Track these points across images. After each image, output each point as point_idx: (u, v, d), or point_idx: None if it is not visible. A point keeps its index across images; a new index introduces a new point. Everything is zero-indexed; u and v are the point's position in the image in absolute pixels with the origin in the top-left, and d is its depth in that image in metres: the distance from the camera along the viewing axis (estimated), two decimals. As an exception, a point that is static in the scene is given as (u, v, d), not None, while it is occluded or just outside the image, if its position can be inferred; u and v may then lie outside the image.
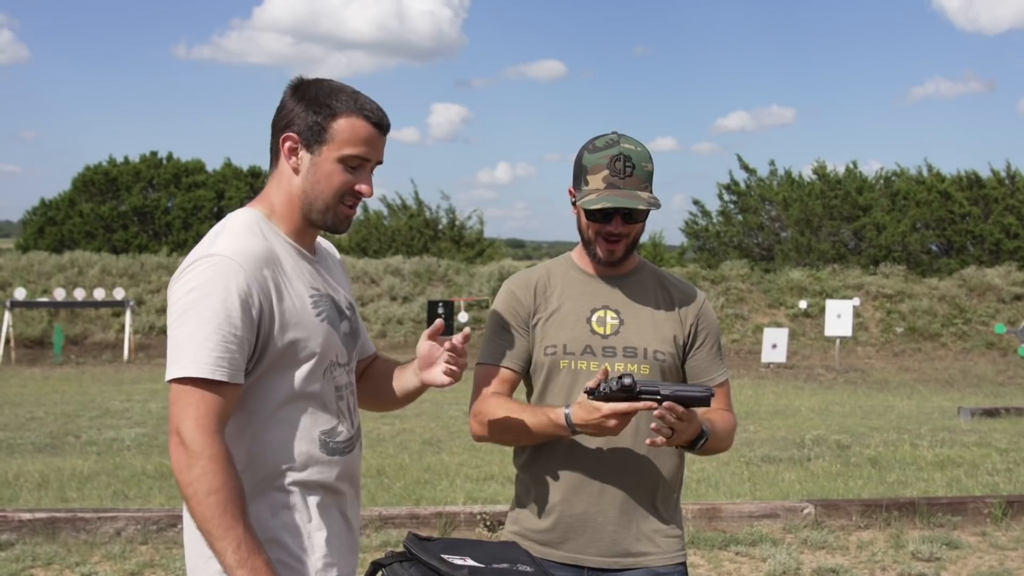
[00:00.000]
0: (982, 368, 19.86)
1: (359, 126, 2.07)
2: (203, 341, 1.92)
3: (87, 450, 9.25)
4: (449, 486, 7.56)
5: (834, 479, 8.10)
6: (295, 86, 2.13)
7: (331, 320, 2.12)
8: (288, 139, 2.09)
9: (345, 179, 2.08)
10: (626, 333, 2.47)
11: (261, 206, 2.15)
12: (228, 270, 1.96)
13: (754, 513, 6.57)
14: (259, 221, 2.11)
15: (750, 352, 21.19)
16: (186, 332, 1.94)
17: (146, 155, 36.21)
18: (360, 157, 2.08)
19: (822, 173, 32.65)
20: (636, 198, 2.37)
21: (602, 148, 2.42)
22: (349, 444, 2.14)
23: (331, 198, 2.09)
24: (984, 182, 32.20)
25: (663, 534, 2.47)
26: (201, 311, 1.94)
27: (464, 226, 34.11)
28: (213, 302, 1.94)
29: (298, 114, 2.08)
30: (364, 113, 2.07)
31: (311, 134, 2.07)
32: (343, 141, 2.06)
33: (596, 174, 2.39)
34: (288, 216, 2.13)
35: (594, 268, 2.53)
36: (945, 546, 6.13)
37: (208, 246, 2.03)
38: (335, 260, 2.34)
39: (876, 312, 23.56)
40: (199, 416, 1.90)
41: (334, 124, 2.06)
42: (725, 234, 32.98)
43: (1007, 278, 24.75)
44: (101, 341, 21.24)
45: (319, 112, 2.06)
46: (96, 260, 24.66)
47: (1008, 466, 8.74)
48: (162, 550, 5.80)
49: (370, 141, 2.09)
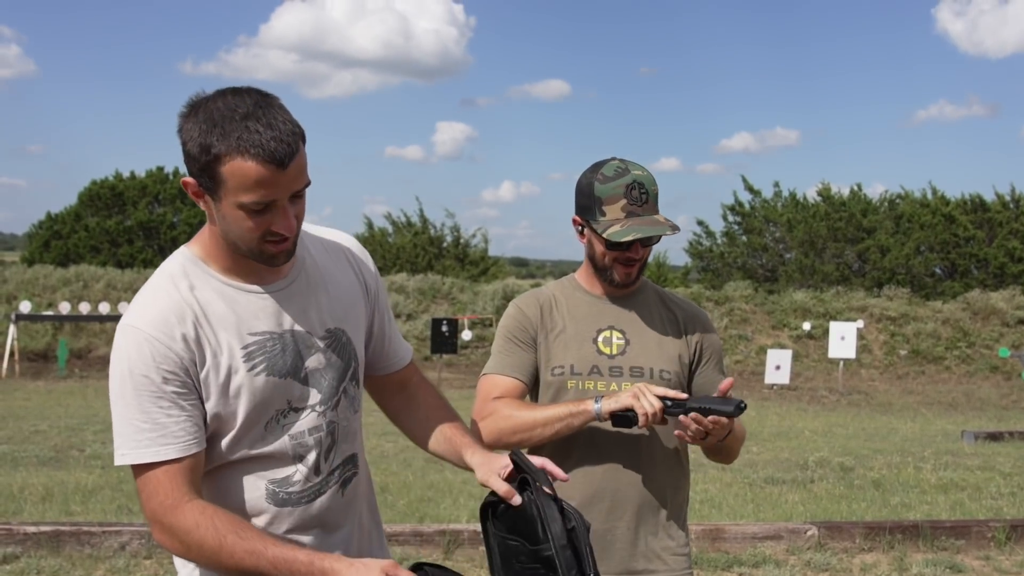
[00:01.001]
0: (986, 392, 19.83)
1: (247, 170, 1.75)
2: (138, 423, 1.83)
3: (91, 464, 9.27)
4: (452, 504, 7.56)
5: (837, 501, 8.09)
6: (186, 113, 1.83)
7: (275, 368, 1.92)
8: (187, 185, 1.85)
9: (251, 225, 1.82)
10: (632, 353, 2.50)
11: (196, 247, 1.96)
12: (141, 343, 1.84)
13: (757, 535, 6.57)
14: (187, 266, 1.93)
15: (753, 373, 21.18)
16: (120, 415, 1.86)
17: (152, 170, 36.33)
18: (259, 203, 1.79)
19: (826, 195, 32.71)
20: (660, 224, 2.41)
21: (613, 178, 2.44)
22: (311, 491, 1.98)
23: (250, 243, 1.85)
24: (988, 205, 32.24)
25: (671, 551, 2.50)
26: (126, 392, 1.84)
27: (468, 244, 34.21)
28: (136, 380, 1.83)
29: (189, 154, 1.81)
30: (251, 152, 1.74)
31: (205, 180, 1.81)
32: (236, 188, 1.77)
33: (613, 204, 2.42)
34: (219, 255, 1.93)
35: (600, 289, 2.56)
36: (948, 570, 6.12)
37: (127, 313, 1.90)
38: (337, 260, 2.10)
39: (880, 334, 23.55)
40: (162, 499, 1.82)
41: (221, 170, 1.77)
42: (729, 255, 33.01)
43: (1011, 302, 24.74)
44: (105, 355, 21.25)
45: (203, 154, 1.77)
46: (101, 274, 24.73)
47: (1012, 490, 8.73)
48: (166, 564, 5.80)
49: (265, 183, 1.77)
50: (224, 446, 1.91)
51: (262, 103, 1.79)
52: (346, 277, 2.09)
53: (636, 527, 2.45)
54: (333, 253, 2.10)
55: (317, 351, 1.97)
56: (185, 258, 1.94)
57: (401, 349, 2.24)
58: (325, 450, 1.99)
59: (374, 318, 2.15)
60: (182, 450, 1.83)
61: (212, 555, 1.80)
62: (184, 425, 1.84)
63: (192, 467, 1.84)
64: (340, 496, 2.02)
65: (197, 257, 1.94)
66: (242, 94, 1.80)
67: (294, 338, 1.95)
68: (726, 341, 22.62)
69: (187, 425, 1.84)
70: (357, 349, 2.07)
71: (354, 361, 2.05)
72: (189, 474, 1.83)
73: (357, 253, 2.15)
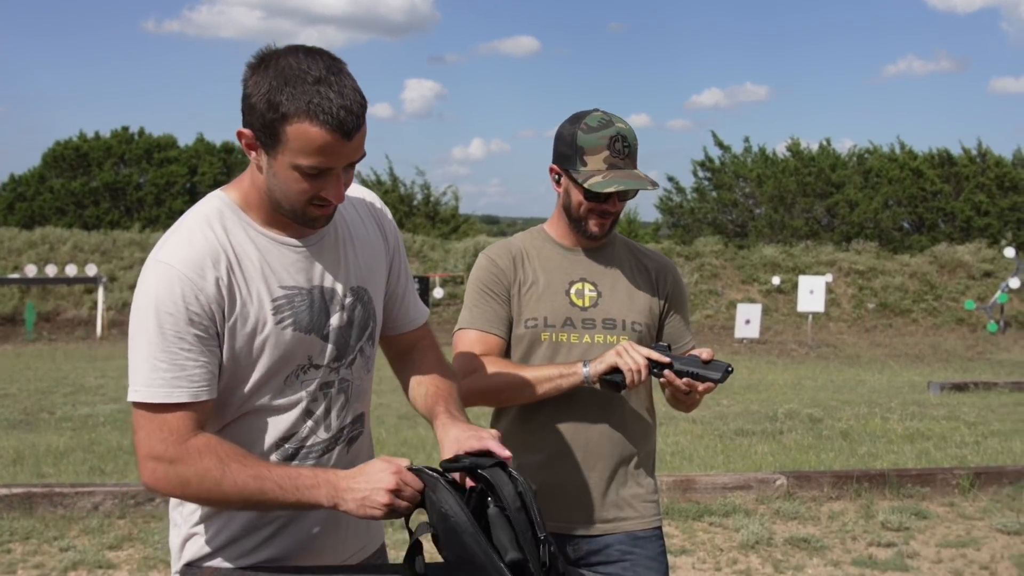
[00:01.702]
0: (952, 343, 20.11)
1: (313, 135, 1.74)
2: (155, 362, 1.79)
3: (62, 426, 9.23)
4: (426, 460, 7.59)
5: (806, 452, 8.21)
6: (252, 68, 1.81)
7: (301, 323, 1.91)
8: (242, 135, 1.83)
9: (305, 187, 1.81)
10: (604, 305, 2.50)
11: (234, 192, 1.94)
12: (172, 280, 1.80)
13: (727, 485, 6.66)
14: (224, 211, 1.90)
15: (723, 328, 21.34)
16: (138, 351, 1.81)
17: (117, 130, 35.79)
18: (317, 168, 1.78)
19: (796, 150, 32.83)
20: (641, 179, 2.41)
21: (596, 128, 2.42)
22: (320, 448, 1.98)
23: (295, 203, 1.85)
24: (956, 160, 32.49)
25: (640, 499, 2.53)
26: (148, 328, 1.80)
27: (439, 202, 34.07)
28: (162, 317, 1.79)
29: (252, 107, 1.78)
30: (320, 118, 1.73)
31: (264, 136, 1.79)
32: (296, 150, 1.76)
33: (596, 155, 2.41)
34: (259, 206, 1.91)
35: (571, 241, 2.55)
36: (914, 516, 6.24)
37: (158, 249, 1.87)
38: (369, 220, 2.09)
39: (848, 288, 23.78)
40: (166, 437, 1.79)
41: (286, 129, 1.75)
42: (699, 211, 33.12)
43: (977, 255, 25.04)
44: (74, 318, 21.10)
45: (270, 111, 1.75)
46: (67, 236, 24.46)
47: (976, 439, 8.89)
48: (140, 524, 5.81)
49: (327, 150, 1.76)
50: (241, 396, 1.90)
51: (334, 68, 1.77)
52: (371, 234, 2.08)
53: (607, 478, 2.48)
54: (360, 209, 2.09)
55: (341, 309, 1.96)
56: (222, 202, 1.92)
57: (414, 310, 2.21)
58: (338, 408, 1.99)
59: (390, 275, 2.14)
60: (194, 395, 1.80)
61: (215, 484, 1.78)
62: (201, 371, 1.81)
63: (200, 413, 1.83)
64: (346, 453, 2.02)
65: (235, 203, 1.92)
66: (315, 56, 1.78)
67: (322, 294, 1.94)
68: (696, 296, 22.75)
69: (203, 371, 1.81)
70: (377, 309, 2.07)
71: (373, 321, 2.05)
72: (196, 419, 1.81)
73: (380, 207, 2.14)
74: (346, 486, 1.77)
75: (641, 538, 2.50)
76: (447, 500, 1.71)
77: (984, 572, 5.27)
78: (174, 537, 2.01)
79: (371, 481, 1.76)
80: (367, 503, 1.75)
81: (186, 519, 1.98)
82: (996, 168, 31.96)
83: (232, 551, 1.95)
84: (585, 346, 2.47)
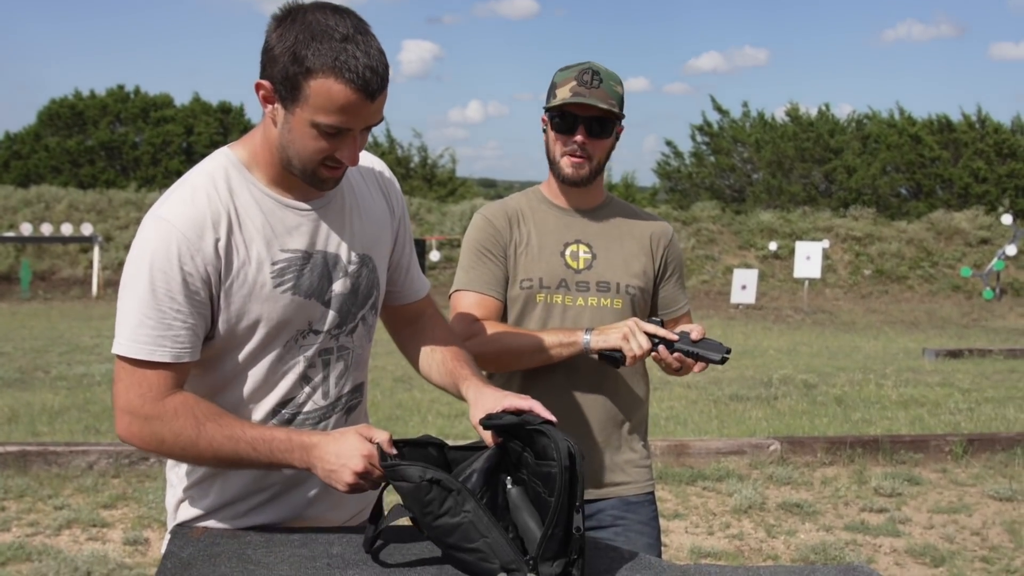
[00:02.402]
0: (947, 310, 20.15)
1: (337, 92, 1.71)
2: (143, 318, 1.77)
3: (57, 385, 9.23)
4: (421, 422, 7.62)
5: (800, 417, 8.24)
6: (277, 21, 1.77)
7: (301, 288, 1.88)
8: (260, 87, 1.78)
9: (321, 146, 1.78)
10: (599, 267, 2.49)
11: (241, 150, 1.90)
12: (170, 238, 1.77)
13: (721, 450, 6.68)
14: (230, 170, 1.86)
15: (720, 293, 21.36)
16: (128, 304, 1.79)
17: (113, 88, 35.54)
18: (335, 127, 1.75)
19: (794, 115, 32.68)
20: (600, 99, 2.38)
21: (572, 66, 2.45)
22: (317, 415, 1.96)
23: (308, 162, 1.80)
24: (955, 126, 32.35)
25: (633, 464, 2.53)
26: (140, 283, 1.77)
27: (436, 164, 33.95)
28: (155, 274, 1.76)
29: (272, 60, 1.75)
30: (345, 76, 1.69)
31: (284, 89, 1.75)
32: (317, 107, 1.73)
33: (564, 86, 2.41)
34: (268, 165, 1.87)
35: (565, 201, 2.53)
36: (907, 482, 6.27)
37: (159, 204, 1.83)
38: (374, 187, 2.06)
39: (845, 254, 23.78)
40: (144, 392, 1.78)
41: (309, 84, 1.71)
42: (697, 175, 33.04)
43: (974, 222, 25.03)
44: (69, 277, 21.07)
45: (294, 65, 1.71)
46: (63, 195, 24.36)
47: (970, 405, 8.92)
48: (134, 483, 5.83)
49: (349, 109, 1.73)
50: (239, 359, 1.88)
51: (361, 28, 1.74)
52: (377, 203, 2.05)
53: (601, 444, 2.48)
54: (367, 178, 2.06)
55: (344, 275, 1.93)
56: (228, 160, 1.88)
57: (418, 282, 2.18)
58: (337, 375, 1.97)
59: (395, 246, 2.10)
60: (177, 356, 1.78)
61: (190, 443, 1.79)
62: (187, 332, 1.79)
63: (180, 374, 1.81)
64: (344, 422, 1.99)
65: (241, 162, 1.88)
66: (342, 14, 1.74)
67: (324, 260, 1.91)
68: (693, 261, 22.75)
69: (188, 333, 1.79)
70: (380, 278, 2.03)
71: (376, 290, 2.02)
72: (175, 379, 1.80)
73: (388, 177, 2.11)
74: (318, 455, 1.78)
75: (634, 503, 2.51)
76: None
77: (975, 538, 5.30)
78: (170, 497, 2.01)
79: (341, 457, 1.76)
80: (333, 477, 1.78)
81: (181, 479, 1.98)
82: (995, 135, 31.83)
83: (226, 513, 1.95)
84: (579, 309, 2.45)
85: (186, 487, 1.97)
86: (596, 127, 2.41)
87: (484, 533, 1.64)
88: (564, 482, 1.62)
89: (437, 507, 1.67)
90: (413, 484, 1.67)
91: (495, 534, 1.64)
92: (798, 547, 5.08)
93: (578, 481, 1.63)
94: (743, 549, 5.07)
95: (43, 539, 4.92)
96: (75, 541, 4.92)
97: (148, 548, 4.83)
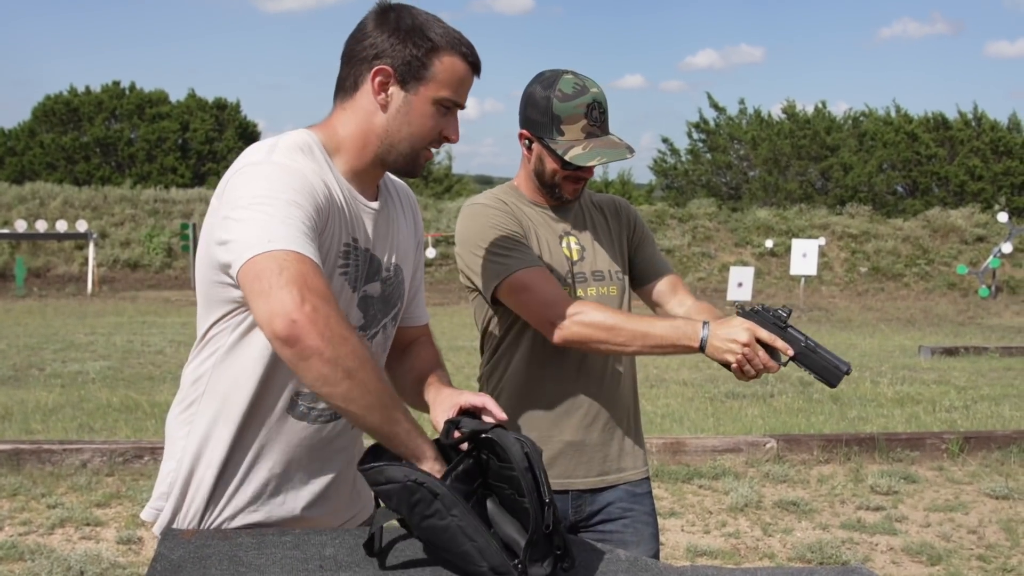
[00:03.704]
0: (943, 308, 20.16)
1: (459, 67, 1.84)
2: (291, 225, 1.65)
3: (51, 383, 9.20)
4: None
5: (796, 415, 8.23)
6: (382, 12, 1.86)
7: (352, 278, 1.88)
8: (380, 72, 1.82)
9: (437, 123, 1.86)
10: (589, 258, 2.50)
11: (321, 134, 1.89)
12: (296, 174, 1.73)
13: (717, 448, 6.67)
14: (314, 148, 1.85)
15: (716, 290, 21.36)
16: (267, 215, 1.65)
17: (108, 85, 35.53)
18: (455, 101, 1.86)
19: (791, 113, 32.72)
20: (620, 147, 2.37)
21: (572, 96, 2.36)
22: (329, 413, 1.91)
23: (419, 141, 1.87)
24: (951, 124, 32.41)
25: (635, 447, 2.57)
26: (277, 205, 1.67)
27: (432, 162, 33.94)
28: (292, 195, 1.69)
29: (392, 45, 1.82)
30: (463, 52, 1.84)
31: (408, 70, 1.82)
32: (442, 82, 1.83)
33: (573, 124, 2.35)
34: (355, 154, 1.88)
35: (543, 201, 2.52)
36: (903, 480, 6.26)
37: (268, 153, 1.78)
38: (407, 207, 2.10)
39: (841, 252, 23.79)
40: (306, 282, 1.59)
41: (435, 61, 1.82)
42: (693, 172, 33.07)
43: (970, 219, 25.05)
44: (64, 274, 21.03)
45: (419, 46, 1.82)
46: (58, 192, 24.31)
47: (965, 403, 8.92)
48: (128, 481, 5.80)
49: (466, 84, 1.87)
50: None
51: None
52: (407, 222, 2.07)
53: (610, 429, 2.50)
54: (402, 194, 2.10)
55: (378, 280, 1.94)
56: (312, 139, 1.87)
57: (421, 308, 2.17)
58: None
59: (414, 267, 2.12)
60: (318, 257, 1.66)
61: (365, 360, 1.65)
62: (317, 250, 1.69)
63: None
64: (349, 427, 1.97)
65: (322, 144, 1.87)
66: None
67: (370, 260, 1.92)
68: (689, 258, 22.76)
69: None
70: (405, 292, 2.04)
71: (400, 302, 2.02)
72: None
73: (414, 200, 2.15)
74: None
75: (639, 494, 2.54)
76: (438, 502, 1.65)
77: (972, 536, 5.29)
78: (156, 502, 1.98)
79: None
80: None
81: (169, 481, 1.95)
82: (991, 132, 31.89)
83: (215, 515, 1.93)
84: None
85: (179, 488, 1.92)
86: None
87: (472, 537, 1.62)
88: (530, 484, 1.61)
89: (424, 508, 1.64)
90: (399, 485, 1.65)
91: (483, 539, 1.62)
92: (794, 545, 5.06)
93: (541, 481, 1.63)
94: (739, 547, 5.06)
95: (36, 538, 4.89)
96: (68, 540, 4.90)
97: (142, 547, 4.81)
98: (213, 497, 1.92)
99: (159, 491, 1.96)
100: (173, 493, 1.93)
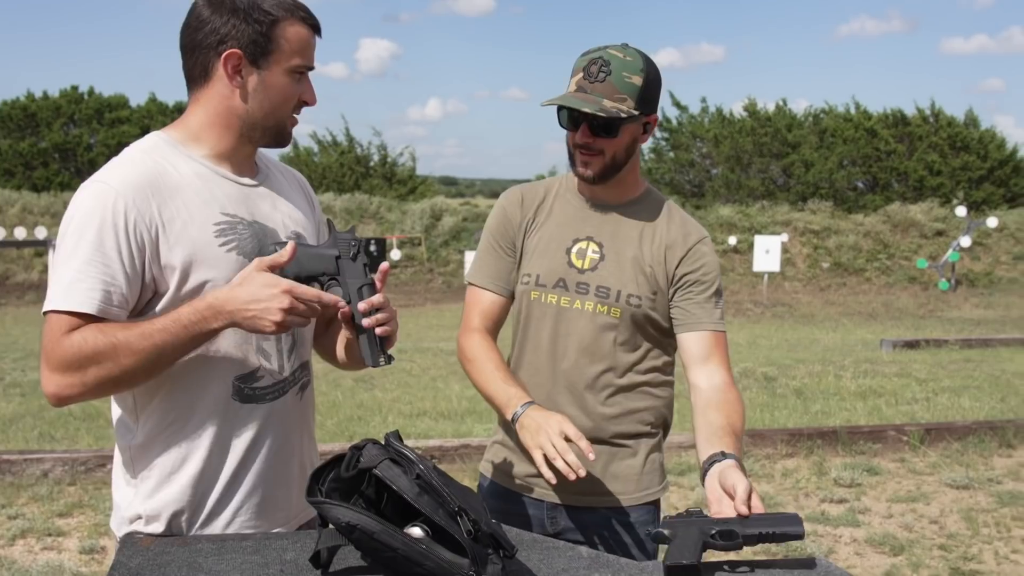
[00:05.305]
0: (904, 302, 20.38)
1: (303, 32, 1.89)
2: (79, 276, 1.76)
3: (10, 392, 9.07)
4: (382, 422, 7.58)
5: (760, 410, 8.29)
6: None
7: (244, 250, 1.89)
8: (230, 57, 1.85)
9: (294, 91, 1.91)
10: (603, 271, 2.29)
11: (173, 132, 1.94)
12: (107, 198, 1.78)
13: (683, 444, 6.70)
14: (161, 146, 1.90)
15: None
16: (64, 266, 1.77)
17: (66, 90, 35.03)
18: (306, 66, 1.91)
19: (752, 111, 32.89)
20: (590, 101, 2.16)
21: (591, 52, 2.23)
22: (276, 390, 1.96)
23: (282, 113, 1.92)
24: (909, 120, 32.71)
25: (628, 472, 2.41)
26: (78, 245, 1.77)
27: (396, 163, 33.78)
28: (89, 234, 1.76)
29: (235, 27, 1.84)
30: (301, 16, 1.89)
31: (256, 48, 1.85)
32: (291, 51, 1.88)
33: (573, 77, 2.23)
34: (217, 138, 1.92)
35: (589, 193, 2.34)
36: (865, 472, 6.33)
37: (97, 175, 1.84)
38: (293, 184, 2.13)
39: (803, 248, 23.98)
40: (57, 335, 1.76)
41: (279, 33, 1.86)
42: (656, 171, 33.15)
43: (929, 214, 25.33)
44: (23, 282, 20.75)
45: (260, 22, 1.85)
46: (16, 198, 24.00)
47: (927, 395, 9.03)
48: (91, 490, 5.73)
49: (311, 46, 1.92)
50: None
51: None
52: (300, 198, 2.12)
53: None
54: (288, 176, 2.14)
55: (278, 247, 1.92)
56: (160, 139, 1.93)
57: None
58: (287, 350, 1.99)
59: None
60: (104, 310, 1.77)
61: (110, 357, 1.74)
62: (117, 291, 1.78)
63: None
64: (299, 399, 2.03)
65: (175, 140, 1.93)
66: None
67: (263, 230, 1.94)
68: (654, 257, 22.82)
69: (119, 292, 1.78)
70: None
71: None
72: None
73: (307, 184, 2.21)
74: (232, 308, 1.77)
75: (625, 522, 2.40)
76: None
77: (933, 526, 5.35)
78: (114, 520, 1.99)
79: (259, 300, 1.76)
80: (260, 324, 1.77)
81: (125, 495, 1.94)
82: (948, 128, 32.23)
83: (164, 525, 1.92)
84: (574, 313, 2.29)
85: (128, 502, 1.93)
86: (598, 125, 2.21)
87: (420, 562, 1.63)
88: (431, 505, 1.64)
89: (366, 544, 1.66)
90: (342, 525, 1.65)
91: (431, 562, 1.63)
92: (759, 540, 5.10)
93: (444, 496, 1.64)
94: (705, 543, 5.09)
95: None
96: (30, 551, 4.84)
97: (104, 556, 4.76)
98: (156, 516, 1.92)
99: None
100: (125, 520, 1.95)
